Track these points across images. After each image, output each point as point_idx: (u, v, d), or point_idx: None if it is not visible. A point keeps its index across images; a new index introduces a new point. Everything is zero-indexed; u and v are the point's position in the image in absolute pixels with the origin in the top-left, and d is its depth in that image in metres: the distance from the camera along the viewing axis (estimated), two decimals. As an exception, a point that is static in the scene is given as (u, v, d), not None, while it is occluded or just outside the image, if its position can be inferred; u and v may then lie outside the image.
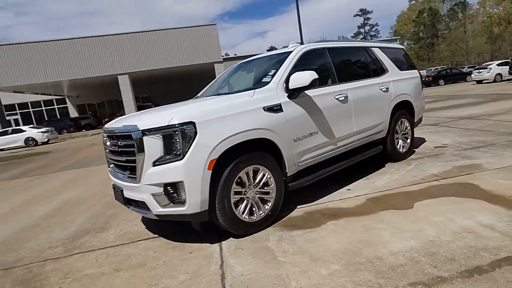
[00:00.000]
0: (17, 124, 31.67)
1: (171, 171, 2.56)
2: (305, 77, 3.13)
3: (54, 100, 33.85)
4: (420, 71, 5.42)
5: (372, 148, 4.23)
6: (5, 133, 20.82)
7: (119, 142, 2.91)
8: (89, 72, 22.33)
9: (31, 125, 23.61)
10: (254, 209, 2.96)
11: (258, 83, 3.36)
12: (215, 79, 4.61)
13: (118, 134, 2.91)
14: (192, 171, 2.55)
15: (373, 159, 4.66)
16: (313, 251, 2.48)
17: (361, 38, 69.56)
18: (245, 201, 2.90)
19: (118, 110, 29.00)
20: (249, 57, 4.36)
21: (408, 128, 4.83)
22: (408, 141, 4.85)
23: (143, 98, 30.45)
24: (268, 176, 3.02)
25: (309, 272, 2.21)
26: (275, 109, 3.06)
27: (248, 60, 4.25)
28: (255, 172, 2.95)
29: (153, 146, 2.60)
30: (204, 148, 2.58)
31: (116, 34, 21.81)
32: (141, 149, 2.63)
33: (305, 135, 3.31)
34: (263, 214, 3.00)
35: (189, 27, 22.34)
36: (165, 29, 22.28)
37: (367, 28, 71.78)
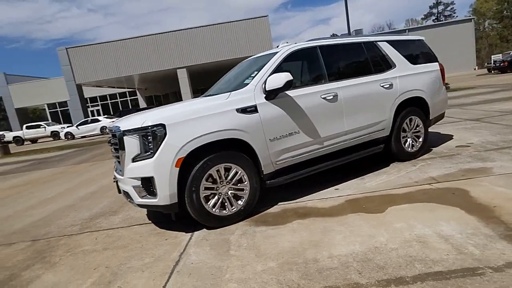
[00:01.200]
0: (98, 114, 35.81)
1: (145, 167, 2.89)
2: (280, 78, 3.19)
3: (127, 93, 37.44)
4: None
5: (372, 147, 4.09)
6: (85, 123, 23.87)
7: (111, 140, 3.33)
8: (153, 66, 24.22)
9: (106, 115, 26.57)
10: (226, 204, 3.16)
11: (240, 85, 3.50)
12: (221, 77, 4.81)
13: (111, 133, 3.33)
14: (161, 168, 2.85)
15: (379, 158, 4.49)
16: (263, 248, 2.62)
17: (434, 19, 63.09)
18: (216, 196, 3.11)
19: (180, 101, 31.00)
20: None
21: (420, 126, 4.50)
22: (420, 140, 4.53)
23: (201, 90, 32.00)
24: (241, 173, 3.18)
25: (247, 267, 2.36)
26: (249, 110, 3.19)
27: (247, 60, 4.38)
28: (227, 170, 3.13)
29: (132, 144, 2.95)
30: (172, 147, 2.85)
31: (175, 31, 23.21)
32: (123, 147, 3.00)
33: (284, 135, 3.38)
34: (235, 209, 3.19)
35: (240, 20, 22.74)
36: (218, 24, 23.01)
37: (440, 8, 64.77)
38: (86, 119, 24.60)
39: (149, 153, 2.87)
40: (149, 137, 2.87)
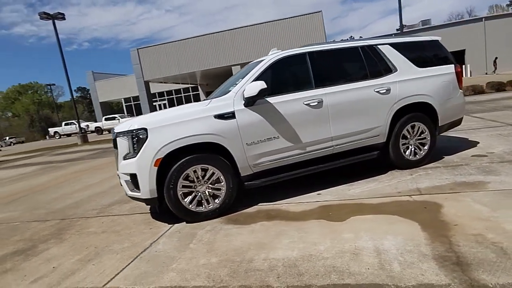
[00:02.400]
0: (164, 107, 38.83)
1: (131, 165, 3.31)
2: (255, 87, 3.35)
3: (190, 88, 39.85)
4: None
5: (364, 154, 3.99)
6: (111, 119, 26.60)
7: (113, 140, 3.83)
8: (212, 64, 25.46)
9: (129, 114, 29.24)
10: (203, 201, 3.45)
11: (225, 92, 3.72)
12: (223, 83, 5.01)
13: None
14: (142, 166, 3.24)
15: (381, 165, 4.35)
16: (217, 244, 2.85)
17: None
18: (193, 194, 3.41)
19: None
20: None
21: (426, 133, 4.22)
22: (426, 147, 4.25)
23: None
24: (218, 174, 3.43)
25: (193, 260, 2.62)
26: (226, 116, 3.41)
27: (247, 65, 4.55)
28: (205, 170, 3.41)
29: (123, 144, 3.40)
30: (151, 149, 3.22)
31: (230, 30, 24.02)
32: (116, 146, 3.47)
33: (262, 140, 3.53)
34: (211, 207, 3.46)
35: (294, 16, 22.56)
36: (272, 21, 23.14)
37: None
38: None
39: (134, 153, 3.28)
40: (134, 139, 3.28)
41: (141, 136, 3.25)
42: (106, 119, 30.89)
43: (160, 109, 36.00)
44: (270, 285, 2.12)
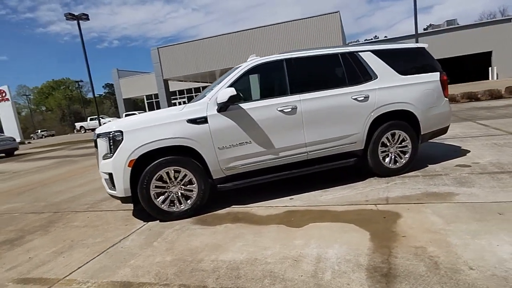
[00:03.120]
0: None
1: (108, 165, 3.50)
2: (226, 93, 3.45)
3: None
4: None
5: (341, 160, 4.00)
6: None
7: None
8: (229, 63, 25.65)
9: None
10: (175, 201, 3.59)
11: (202, 97, 3.85)
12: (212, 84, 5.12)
13: None
14: (117, 166, 3.42)
15: (361, 171, 4.34)
16: (177, 244, 2.98)
17: None
18: (166, 194, 3.56)
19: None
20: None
21: (407, 141, 4.16)
22: (407, 156, 4.19)
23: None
24: (190, 176, 3.57)
25: (150, 257, 2.77)
26: (199, 121, 3.53)
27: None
28: (177, 172, 3.55)
29: (102, 145, 3.59)
30: (125, 150, 3.40)
31: (247, 30, 24.19)
32: (96, 146, 3.68)
33: (234, 144, 3.62)
34: (183, 207, 3.60)
35: (311, 17, 22.40)
36: (289, 21, 23.08)
37: None
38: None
39: (111, 153, 3.47)
40: (111, 141, 3.47)
41: (117, 138, 3.43)
42: (126, 115, 31.91)
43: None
44: (207, 285, 2.22)
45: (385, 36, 47.46)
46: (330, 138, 3.89)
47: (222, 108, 3.57)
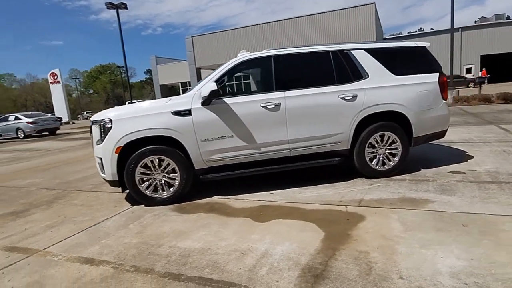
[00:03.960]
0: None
1: (99, 150, 3.77)
2: (207, 88, 3.55)
3: (241, 76, 40.72)
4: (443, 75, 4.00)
5: (326, 159, 3.98)
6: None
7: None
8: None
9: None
10: (159, 188, 3.79)
11: (189, 90, 3.98)
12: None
13: None
14: (106, 152, 3.67)
15: (349, 170, 4.29)
16: (149, 228, 3.17)
17: None
18: (150, 181, 3.77)
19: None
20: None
21: (397, 143, 4.03)
22: (396, 158, 4.06)
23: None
24: (173, 166, 3.74)
25: (120, 238, 2.99)
26: (183, 113, 3.67)
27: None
28: (161, 161, 3.74)
29: (96, 131, 3.86)
30: (113, 138, 3.63)
31: (278, 21, 23.92)
32: (91, 132, 3.95)
33: (215, 137, 3.73)
34: (166, 194, 3.79)
35: (345, 8, 21.60)
36: (321, 13, 22.45)
37: None
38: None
39: (101, 140, 3.73)
40: (101, 128, 3.72)
41: (107, 125, 3.67)
42: (128, 103, 33.34)
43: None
44: (154, 269, 2.38)
45: (431, 28, 44.58)
46: (314, 136, 3.87)
47: (206, 102, 3.68)
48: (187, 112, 3.68)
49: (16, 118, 18.49)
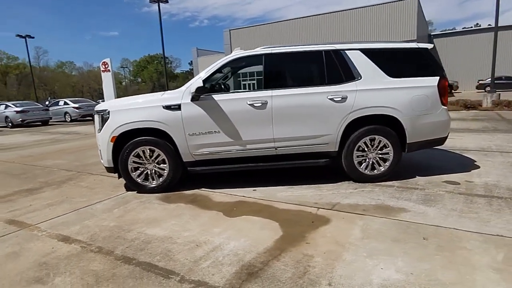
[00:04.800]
0: (252, 87, 40.48)
1: (98, 138, 4.06)
2: (195, 84, 3.66)
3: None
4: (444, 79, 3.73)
5: (311, 160, 3.94)
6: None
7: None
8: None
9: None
10: (149, 177, 4.01)
11: (182, 85, 4.12)
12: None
13: None
14: (103, 141, 3.95)
15: (340, 173, 4.21)
16: (130, 213, 3.38)
17: None
18: (141, 169, 4.00)
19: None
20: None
21: (389, 148, 3.87)
22: (387, 164, 3.90)
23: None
24: (163, 157, 3.93)
25: (101, 220, 3.23)
26: (173, 108, 3.83)
27: None
28: (152, 152, 3.94)
29: (97, 120, 4.15)
30: (109, 128, 3.89)
31: (315, 15, 23.40)
32: (93, 121, 4.26)
33: (203, 132, 3.85)
34: (155, 183, 4.00)
35: (386, 3, 20.53)
36: (362, 7, 21.56)
37: None
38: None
39: (100, 129, 4.01)
40: (100, 118, 3.99)
41: (105, 116, 3.94)
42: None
43: (248, 88, 37.71)
44: (114, 251, 2.57)
45: (489, 25, 40.86)
46: (300, 136, 3.84)
47: (194, 97, 3.80)
48: (177, 107, 3.82)
49: (65, 103, 20.10)
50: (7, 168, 6.28)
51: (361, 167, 3.93)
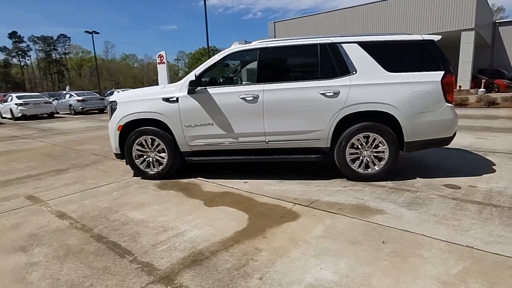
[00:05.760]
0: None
1: (108, 126, 4.42)
2: (189, 78, 3.80)
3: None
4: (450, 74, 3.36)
5: (303, 155, 3.88)
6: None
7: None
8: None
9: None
10: (151, 165, 4.28)
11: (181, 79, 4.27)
12: None
13: None
14: (111, 129, 4.29)
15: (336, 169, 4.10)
16: (124, 197, 3.66)
17: None
18: (144, 157, 4.27)
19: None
20: None
21: (384, 147, 3.65)
22: (382, 163, 3.69)
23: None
24: (163, 146, 4.16)
25: (97, 202, 3.54)
26: (171, 100, 4.01)
27: None
28: (153, 141, 4.19)
29: (109, 111, 4.51)
30: (116, 117, 4.21)
31: (365, 4, 22.20)
32: (107, 111, 4.63)
33: (198, 124, 3.98)
34: (156, 170, 4.26)
35: (441, -12, 18.70)
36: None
37: None
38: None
39: (110, 118, 4.35)
40: (110, 108, 4.33)
41: (113, 106, 4.27)
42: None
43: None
44: (93, 229, 2.83)
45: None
46: (291, 131, 3.79)
47: (190, 91, 3.94)
48: (175, 100, 4.00)
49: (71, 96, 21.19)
50: (52, 150, 7.07)
51: (354, 165, 3.77)
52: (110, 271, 2.16)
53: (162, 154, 4.20)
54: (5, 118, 18.52)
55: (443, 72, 3.51)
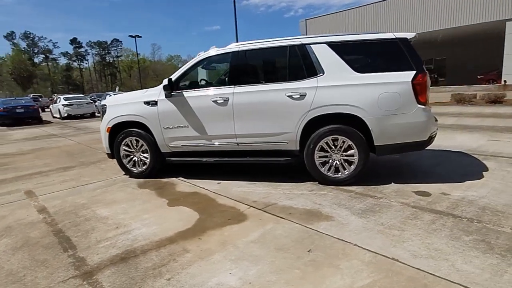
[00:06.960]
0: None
1: (100, 127, 4.72)
2: (164, 83, 3.94)
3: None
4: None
5: (273, 157, 3.85)
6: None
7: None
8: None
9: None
10: (136, 164, 4.50)
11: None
12: None
13: None
14: (102, 130, 4.59)
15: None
16: (103, 194, 3.91)
17: None
18: (130, 157, 4.51)
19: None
20: None
21: (354, 150, 3.48)
22: (352, 167, 3.53)
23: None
24: (145, 147, 4.36)
25: (79, 198, 3.81)
26: (151, 103, 4.19)
27: None
28: (137, 142, 4.41)
29: (101, 113, 4.81)
30: (105, 120, 4.49)
31: (377, 2, 21.05)
32: (100, 113, 4.95)
33: (175, 126, 4.12)
34: (140, 169, 4.48)
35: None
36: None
37: None
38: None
39: (101, 120, 4.65)
40: (102, 111, 4.63)
41: (104, 110, 4.55)
42: None
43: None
44: (58, 224, 3.07)
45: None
46: (259, 134, 3.78)
47: (167, 94, 4.08)
48: (155, 103, 4.17)
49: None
50: (73, 149, 7.68)
51: (323, 168, 3.66)
52: (47, 264, 2.35)
53: (146, 155, 4.40)
54: (55, 117, 20.30)
55: (414, 72, 3.27)
